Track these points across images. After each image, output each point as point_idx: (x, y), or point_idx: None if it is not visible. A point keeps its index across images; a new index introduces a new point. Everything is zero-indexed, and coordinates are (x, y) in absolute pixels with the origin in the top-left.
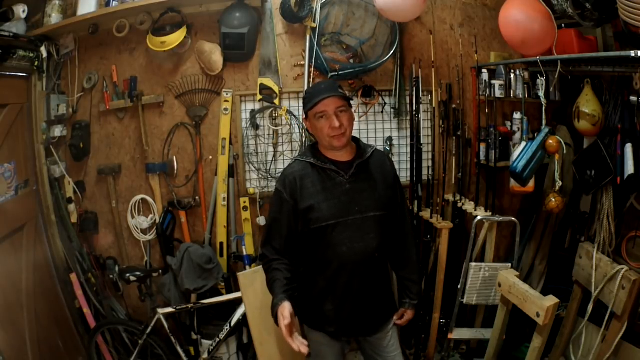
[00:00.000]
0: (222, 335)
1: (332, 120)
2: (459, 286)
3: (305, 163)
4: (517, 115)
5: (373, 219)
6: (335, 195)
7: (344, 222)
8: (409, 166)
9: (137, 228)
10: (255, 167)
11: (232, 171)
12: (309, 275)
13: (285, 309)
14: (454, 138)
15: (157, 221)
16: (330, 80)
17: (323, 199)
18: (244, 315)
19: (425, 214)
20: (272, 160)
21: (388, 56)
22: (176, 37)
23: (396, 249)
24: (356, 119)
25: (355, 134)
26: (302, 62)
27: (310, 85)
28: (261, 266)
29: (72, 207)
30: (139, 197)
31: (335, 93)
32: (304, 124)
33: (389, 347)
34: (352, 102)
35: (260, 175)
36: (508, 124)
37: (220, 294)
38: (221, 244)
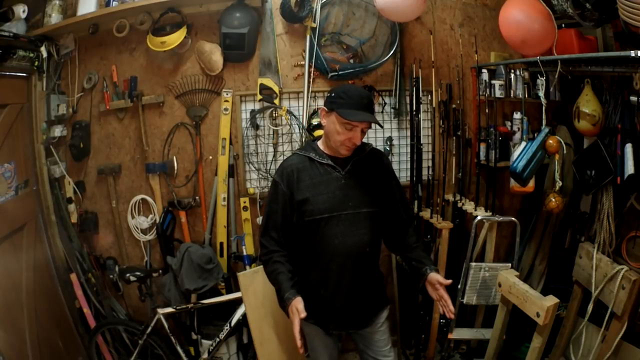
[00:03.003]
0: (222, 335)
1: (357, 136)
2: (459, 286)
3: (304, 157)
4: (517, 115)
5: (365, 214)
6: (330, 190)
7: (337, 216)
8: (409, 166)
9: (137, 228)
10: (255, 167)
11: (232, 171)
12: (302, 267)
13: (300, 303)
14: (454, 138)
15: (157, 221)
16: (368, 93)
17: (318, 193)
18: (244, 315)
19: (426, 214)
20: (272, 160)
21: (388, 56)
22: (176, 37)
23: (401, 236)
24: None
25: None
26: (302, 62)
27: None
28: (261, 265)
29: (72, 207)
30: (139, 197)
31: (374, 120)
32: (320, 112)
33: (380, 342)
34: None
35: (260, 175)
36: (508, 124)
37: (220, 294)
38: (221, 244)
